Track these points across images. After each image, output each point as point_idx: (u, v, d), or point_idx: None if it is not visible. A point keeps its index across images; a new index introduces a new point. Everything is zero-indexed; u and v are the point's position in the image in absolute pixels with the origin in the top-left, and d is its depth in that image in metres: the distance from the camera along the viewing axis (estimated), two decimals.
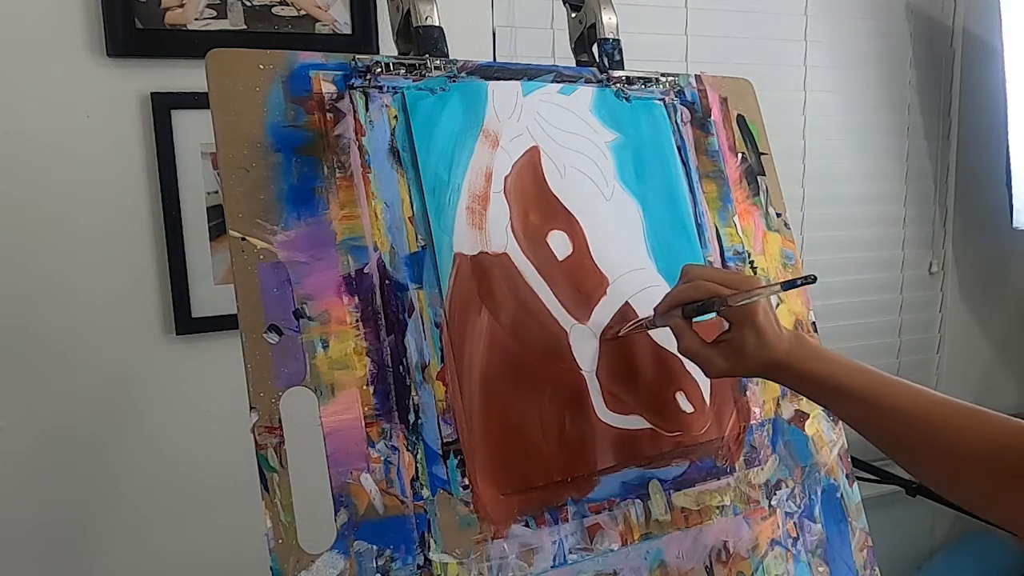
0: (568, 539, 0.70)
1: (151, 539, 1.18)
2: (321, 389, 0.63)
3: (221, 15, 1.15)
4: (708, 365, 0.69)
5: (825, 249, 1.69)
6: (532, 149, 0.77)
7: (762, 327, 0.66)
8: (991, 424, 0.59)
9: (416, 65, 0.74)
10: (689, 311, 0.68)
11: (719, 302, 0.66)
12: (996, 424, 0.59)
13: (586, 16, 0.88)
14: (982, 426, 0.59)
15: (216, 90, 0.65)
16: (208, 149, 1.14)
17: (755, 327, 0.66)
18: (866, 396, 0.65)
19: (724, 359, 0.68)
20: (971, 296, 1.90)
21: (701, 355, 0.69)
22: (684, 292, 0.69)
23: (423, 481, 0.65)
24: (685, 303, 0.68)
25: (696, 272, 0.70)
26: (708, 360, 0.68)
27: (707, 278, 0.68)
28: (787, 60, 1.63)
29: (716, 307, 0.66)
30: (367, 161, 0.70)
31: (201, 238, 1.17)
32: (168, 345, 1.17)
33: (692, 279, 0.69)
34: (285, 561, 0.59)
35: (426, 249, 0.70)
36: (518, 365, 0.71)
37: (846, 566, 0.87)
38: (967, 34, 1.78)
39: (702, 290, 0.67)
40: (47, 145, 1.09)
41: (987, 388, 1.93)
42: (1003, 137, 1.62)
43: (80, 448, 1.14)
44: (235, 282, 0.63)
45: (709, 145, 0.90)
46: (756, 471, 0.83)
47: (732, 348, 0.68)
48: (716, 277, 0.68)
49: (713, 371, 0.69)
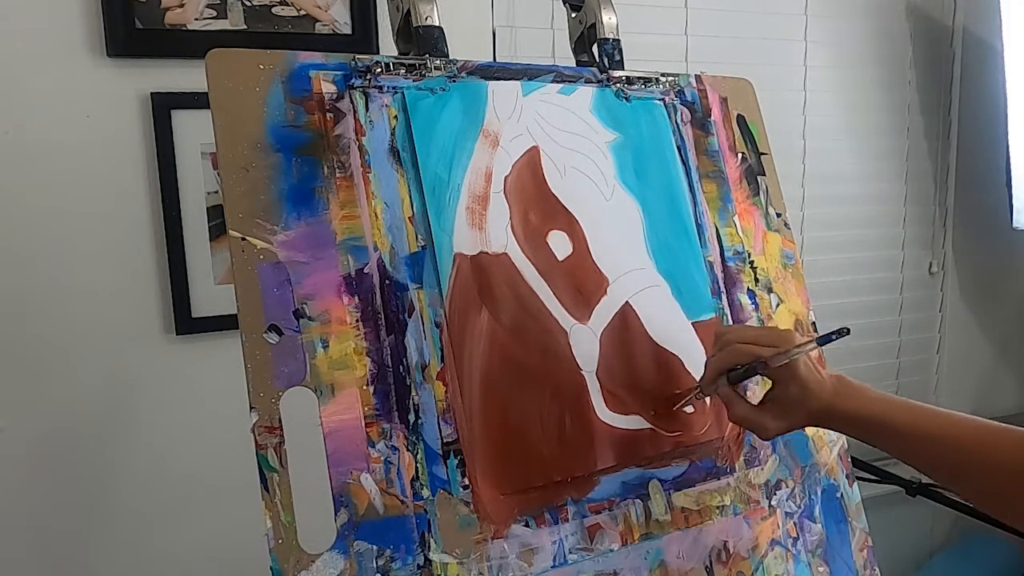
0: (568, 539, 0.70)
1: (151, 539, 1.18)
2: (321, 389, 0.63)
3: (221, 15, 1.15)
4: (762, 429, 0.70)
5: (825, 249, 1.69)
6: (532, 149, 0.77)
7: (805, 379, 0.68)
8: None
9: (416, 65, 0.74)
10: (734, 377, 0.70)
11: (761, 365, 0.68)
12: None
13: (586, 16, 0.88)
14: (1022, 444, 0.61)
15: (216, 90, 0.65)
16: (208, 149, 1.14)
17: (799, 381, 0.68)
18: (913, 430, 0.66)
19: (773, 418, 0.69)
20: (971, 296, 1.90)
21: (753, 420, 0.70)
22: (725, 359, 0.70)
23: (423, 481, 0.65)
24: (728, 370, 0.70)
25: (731, 336, 0.71)
26: (761, 424, 0.70)
27: (743, 340, 0.70)
28: (787, 60, 1.63)
29: (759, 370, 0.68)
30: (367, 161, 0.70)
31: (201, 238, 1.17)
32: (168, 345, 1.17)
33: (727, 343, 0.70)
34: (285, 561, 0.59)
35: (426, 249, 0.70)
36: (518, 365, 0.71)
37: (846, 566, 0.87)
38: (967, 34, 1.78)
39: (742, 354, 0.69)
40: (47, 145, 1.09)
41: (987, 388, 1.93)
42: (1003, 137, 1.62)
43: (80, 448, 1.14)
44: (235, 282, 0.63)
45: (709, 145, 0.90)
46: (756, 471, 0.83)
47: (780, 406, 0.69)
48: (750, 337, 0.70)
49: (767, 434, 0.70)
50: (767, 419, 0.69)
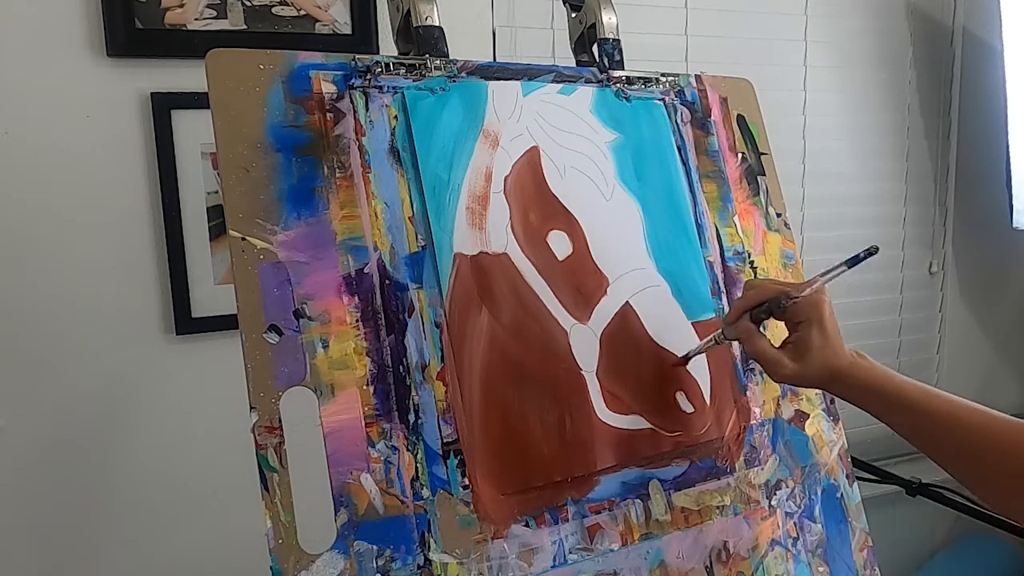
0: (568, 539, 0.70)
1: (151, 538, 1.18)
2: (321, 389, 0.63)
3: (221, 15, 1.15)
4: (776, 366, 0.69)
5: (825, 249, 1.69)
6: (532, 149, 0.77)
7: (827, 327, 0.68)
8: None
9: (416, 65, 0.74)
10: (757, 314, 0.70)
11: (785, 297, 0.67)
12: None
13: (586, 16, 0.88)
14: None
15: (216, 90, 0.65)
16: (208, 149, 1.14)
17: (821, 325, 0.68)
18: (928, 408, 0.66)
19: (791, 358, 0.69)
20: (971, 296, 1.90)
21: (769, 356, 0.70)
22: (750, 297, 0.71)
23: (423, 481, 0.65)
24: (752, 307, 0.70)
25: (757, 281, 0.73)
26: (776, 360, 0.69)
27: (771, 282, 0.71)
28: (787, 60, 1.63)
29: (784, 302, 0.68)
30: (367, 161, 0.70)
31: (201, 238, 1.17)
32: (168, 345, 1.17)
33: (754, 286, 0.72)
34: (285, 561, 0.59)
35: (426, 249, 0.70)
36: (518, 365, 0.71)
37: (846, 566, 0.87)
38: (967, 34, 1.78)
39: (768, 290, 0.69)
40: (47, 145, 1.09)
41: (987, 388, 1.93)
42: (1003, 137, 1.62)
43: (80, 448, 1.14)
44: (235, 282, 0.63)
45: (709, 145, 0.90)
46: (756, 471, 0.83)
47: (799, 348, 0.69)
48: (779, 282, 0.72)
49: (780, 373, 0.70)
50: (783, 357, 0.69)
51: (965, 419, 0.65)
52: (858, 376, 0.68)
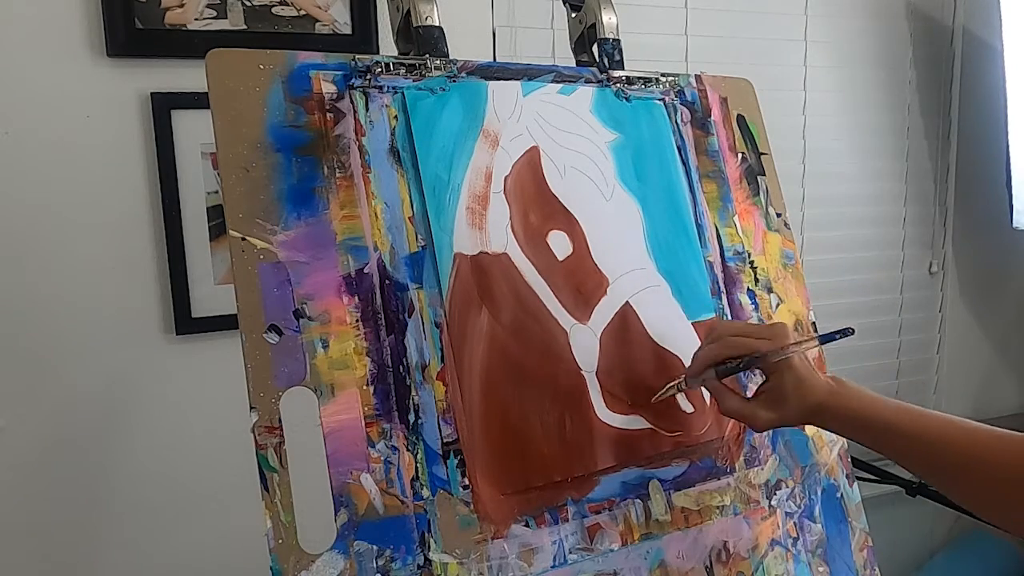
0: (568, 539, 0.70)
1: (151, 539, 1.18)
2: (321, 389, 0.63)
3: (221, 15, 1.15)
4: (754, 420, 0.69)
5: (825, 249, 1.69)
6: (532, 149, 0.77)
7: (800, 372, 0.67)
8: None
9: (416, 65, 0.74)
10: (723, 371, 0.68)
11: (756, 360, 0.66)
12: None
13: (586, 16, 0.88)
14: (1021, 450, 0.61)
15: (216, 90, 0.65)
16: (208, 149, 1.14)
17: (794, 373, 0.67)
18: (910, 430, 0.65)
19: (767, 410, 0.68)
20: (971, 296, 1.90)
21: (745, 412, 0.69)
22: (715, 351, 0.69)
23: (423, 481, 0.65)
24: (717, 363, 0.69)
25: (723, 329, 0.70)
26: (753, 415, 0.69)
27: (736, 333, 0.68)
28: (787, 60, 1.63)
29: (754, 364, 0.66)
30: (367, 161, 0.70)
31: (201, 238, 1.17)
32: (168, 345, 1.17)
33: (719, 337, 0.69)
34: (285, 561, 0.59)
35: (426, 249, 0.70)
36: (518, 365, 0.71)
37: (846, 566, 0.87)
38: (967, 34, 1.78)
39: (737, 347, 0.68)
40: (47, 145, 1.09)
41: (987, 388, 1.93)
42: (1003, 137, 1.62)
43: (80, 448, 1.14)
44: (235, 282, 0.63)
45: (709, 145, 0.90)
46: (756, 471, 0.83)
47: (773, 398, 0.68)
48: (744, 331, 0.69)
49: (759, 425, 0.69)
50: (759, 410, 0.68)
51: (946, 436, 0.64)
52: (839, 405, 0.67)
